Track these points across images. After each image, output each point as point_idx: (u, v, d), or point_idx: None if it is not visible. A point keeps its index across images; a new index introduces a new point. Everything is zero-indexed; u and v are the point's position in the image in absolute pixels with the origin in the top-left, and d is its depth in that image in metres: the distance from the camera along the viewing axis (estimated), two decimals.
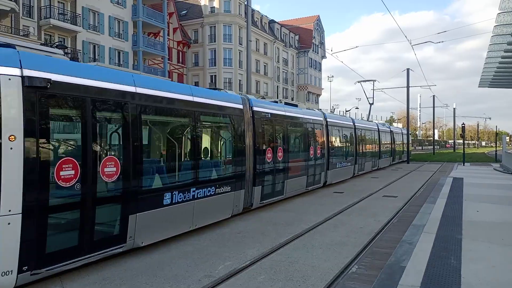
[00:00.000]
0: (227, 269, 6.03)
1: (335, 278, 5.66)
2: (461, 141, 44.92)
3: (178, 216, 7.51)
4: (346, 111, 57.66)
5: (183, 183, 7.85)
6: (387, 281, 5.06)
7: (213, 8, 44.37)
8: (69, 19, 28.37)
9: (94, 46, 30.71)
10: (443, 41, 42.89)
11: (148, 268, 6.14)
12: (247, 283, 5.48)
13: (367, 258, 6.50)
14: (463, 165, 29.61)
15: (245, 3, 25.81)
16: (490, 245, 6.77)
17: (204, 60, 44.26)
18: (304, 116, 14.13)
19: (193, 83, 42.79)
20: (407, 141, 37.90)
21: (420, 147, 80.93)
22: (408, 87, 37.40)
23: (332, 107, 60.93)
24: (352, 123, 20.90)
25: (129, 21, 33.72)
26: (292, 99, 57.33)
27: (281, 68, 56.01)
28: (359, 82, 31.90)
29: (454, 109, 73.14)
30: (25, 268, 4.85)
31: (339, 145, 18.60)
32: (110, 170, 6.03)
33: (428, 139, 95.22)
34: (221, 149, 9.95)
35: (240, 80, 44.01)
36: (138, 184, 6.56)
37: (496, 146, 45.12)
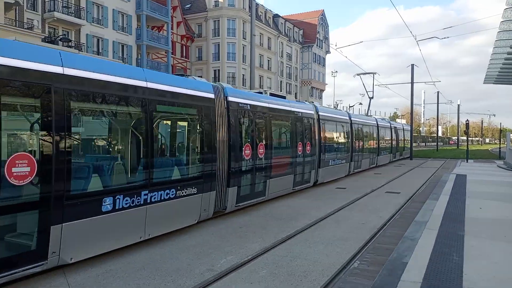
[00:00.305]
0: (229, 263, 6.05)
1: (336, 273, 5.67)
2: (465, 138, 44.77)
3: (123, 225, 6.39)
4: (349, 107, 57.43)
5: (131, 185, 6.72)
6: (389, 277, 5.06)
7: (217, 2, 44.16)
8: (73, 12, 28.36)
9: (98, 39, 30.71)
10: (448, 37, 42.60)
11: (150, 261, 6.17)
12: (249, 277, 5.50)
13: (369, 253, 6.51)
14: (467, 162, 29.49)
15: None
16: (492, 242, 6.75)
17: (207, 54, 44.16)
18: (292, 108, 12.85)
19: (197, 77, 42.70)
20: (410, 137, 37.80)
21: (423, 144, 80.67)
22: (412, 83, 37.20)
23: (335, 102, 60.69)
24: (347, 117, 19.56)
25: (133, 15, 33.66)
26: (295, 94, 57.21)
27: (285, 63, 55.81)
28: (358, 75, 30.86)
29: (458, 105, 72.86)
30: None
31: (333, 140, 17.31)
32: (20, 170, 4.92)
33: (431, 135, 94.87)
34: (185, 145, 8.84)
35: (243, 74, 43.91)
36: (64, 187, 5.41)
37: (500, 143, 44.94)
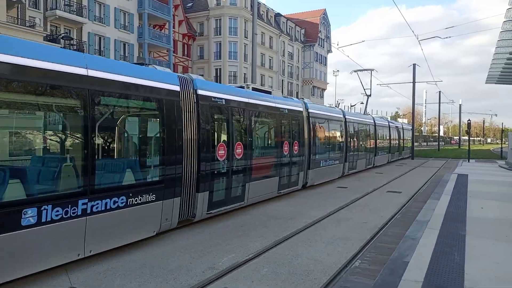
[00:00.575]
0: (230, 262, 6.05)
1: (338, 272, 5.67)
2: (467, 138, 44.71)
3: (53, 240, 5.31)
4: (351, 106, 57.47)
5: (64, 193, 5.65)
6: (390, 276, 5.07)
7: (219, 0, 44.15)
8: (75, 10, 28.38)
9: (99, 38, 30.73)
10: (450, 37, 42.38)
11: (152, 259, 6.19)
12: (250, 276, 5.51)
13: (370, 253, 6.51)
14: (468, 161, 29.45)
15: None
16: (494, 241, 6.75)
17: (209, 53, 44.14)
18: (277, 105, 11.68)
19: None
20: (411, 137, 37.78)
21: (425, 143, 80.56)
22: (414, 82, 37.15)
23: (337, 101, 60.72)
24: (341, 115, 18.40)
25: (134, 13, 33.67)
26: (297, 93, 57.17)
27: (287, 62, 55.77)
28: (355, 71, 29.50)
29: (460, 105, 72.75)
30: None
31: (325, 140, 16.15)
32: None
33: (433, 135, 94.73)
34: (140, 145, 7.71)
35: (245, 73, 43.90)
36: None
37: (501, 143, 44.87)
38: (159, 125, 7.35)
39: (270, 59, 51.48)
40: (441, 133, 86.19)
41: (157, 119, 7.49)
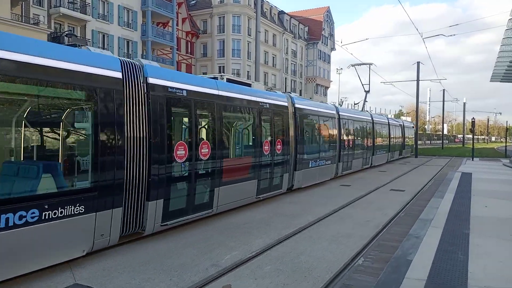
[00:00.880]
0: (233, 259, 6.07)
1: (341, 270, 5.68)
2: (471, 136, 44.54)
3: None
4: (354, 104, 57.28)
5: None
6: (393, 274, 5.07)
7: None
8: (79, 8, 28.45)
9: (103, 35, 30.80)
10: (454, 34, 42.05)
11: (155, 256, 6.21)
12: (253, 273, 5.52)
13: (373, 251, 6.51)
14: (472, 160, 29.34)
15: None
16: (498, 240, 6.73)
17: (212, 50, 44.15)
18: (256, 98, 10.39)
19: (201, 74, 42.78)
20: (415, 135, 37.68)
21: (428, 142, 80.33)
22: (418, 80, 37.02)
23: (340, 99, 60.53)
24: (334, 111, 17.02)
25: (138, 11, 33.70)
26: (300, 91, 57.08)
27: (290, 59, 55.67)
28: (353, 66, 27.91)
29: (464, 103, 72.46)
30: None
31: (315, 138, 14.99)
32: None
33: (437, 133, 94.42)
34: (63, 143, 6.06)
35: (248, 71, 43.87)
36: None
37: (506, 141, 44.67)
38: (91, 119, 5.95)
39: (273, 57, 51.41)
40: (445, 132, 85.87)
41: (88, 112, 6.07)
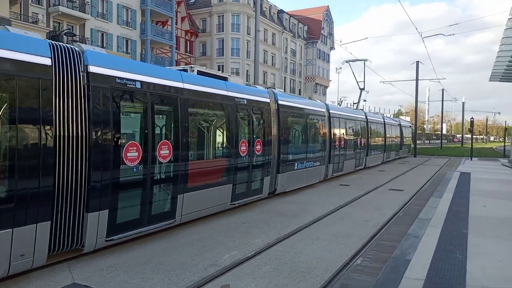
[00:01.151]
0: (232, 259, 6.07)
1: (339, 269, 5.68)
2: (469, 136, 44.58)
3: None
4: (353, 103, 57.30)
5: None
6: (392, 274, 5.07)
7: None
8: (78, 6, 28.38)
9: (102, 34, 30.74)
10: (454, 34, 42.08)
11: (154, 255, 6.21)
12: (252, 273, 5.52)
13: (372, 250, 6.51)
14: (471, 159, 29.38)
15: None
16: (496, 240, 6.74)
17: (211, 49, 44.10)
18: (231, 93, 9.34)
19: None
20: (414, 135, 37.75)
21: (427, 141, 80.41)
22: (417, 80, 37.07)
23: (339, 99, 60.54)
24: (324, 109, 15.86)
25: (137, 9, 33.65)
26: (299, 90, 57.06)
27: (289, 59, 55.64)
28: (347, 62, 26.99)
29: (463, 103, 72.53)
30: None
31: (301, 138, 13.83)
32: None
33: (436, 133, 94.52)
34: None
35: (247, 70, 43.83)
36: None
37: (504, 141, 44.75)
38: (7, 114, 4.95)
39: (272, 56, 51.37)
40: (444, 131, 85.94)
41: (3, 105, 4.97)
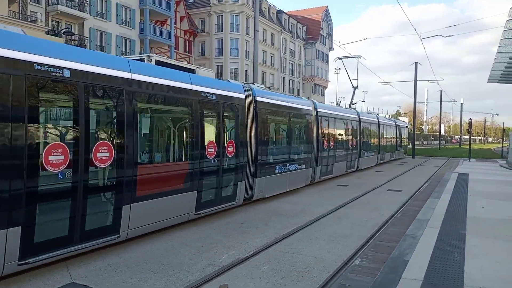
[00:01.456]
0: (230, 259, 6.06)
1: (338, 270, 5.68)
2: (468, 137, 44.66)
3: None
4: (351, 104, 57.31)
5: None
6: (390, 274, 5.08)
7: None
8: (77, 5, 28.33)
9: (101, 33, 30.68)
10: (452, 35, 42.23)
11: (152, 255, 6.20)
12: (250, 273, 5.52)
13: (370, 251, 6.52)
14: (469, 161, 29.45)
15: None
16: (494, 241, 6.76)
17: (210, 49, 44.09)
18: (195, 87, 8.03)
19: None
20: (412, 135, 37.87)
21: (426, 142, 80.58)
22: (415, 81, 37.14)
23: (338, 99, 60.57)
24: (311, 107, 14.50)
25: (136, 9, 33.60)
26: (298, 90, 57.09)
27: (288, 59, 55.67)
28: (339, 59, 26.02)
29: (461, 104, 72.68)
30: None
31: (284, 138, 12.73)
32: None
33: (434, 134, 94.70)
34: None
35: (246, 70, 43.84)
36: None
37: (502, 142, 44.84)
38: None
39: (271, 56, 51.39)
40: (442, 132, 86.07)
41: None
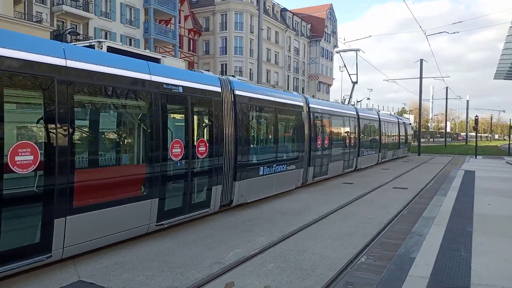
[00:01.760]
0: (236, 256, 6.09)
1: (344, 267, 5.68)
2: (474, 134, 44.37)
3: None
4: (357, 102, 57.17)
5: None
6: (396, 272, 5.07)
7: None
8: (81, 5, 28.47)
9: (106, 33, 30.81)
10: (458, 32, 41.82)
11: (159, 254, 6.23)
12: (257, 271, 5.53)
13: (376, 248, 6.51)
14: (475, 158, 29.25)
15: None
16: (501, 238, 6.72)
17: (215, 48, 44.11)
18: (155, 78, 6.92)
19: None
20: (418, 133, 37.66)
21: (431, 139, 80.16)
22: (421, 78, 36.90)
23: (343, 97, 60.41)
24: (302, 103, 13.20)
25: (140, 8, 33.71)
26: (302, 88, 56.98)
27: (292, 57, 55.57)
28: (338, 52, 24.94)
29: (467, 101, 72.25)
30: None
31: (270, 137, 11.62)
32: None
33: (440, 131, 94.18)
34: None
35: (250, 69, 43.83)
36: None
37: (509, 139, 44.48)
38: None
39: (276, 54, 51.32)
40: (448, 129, 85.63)
41: None
